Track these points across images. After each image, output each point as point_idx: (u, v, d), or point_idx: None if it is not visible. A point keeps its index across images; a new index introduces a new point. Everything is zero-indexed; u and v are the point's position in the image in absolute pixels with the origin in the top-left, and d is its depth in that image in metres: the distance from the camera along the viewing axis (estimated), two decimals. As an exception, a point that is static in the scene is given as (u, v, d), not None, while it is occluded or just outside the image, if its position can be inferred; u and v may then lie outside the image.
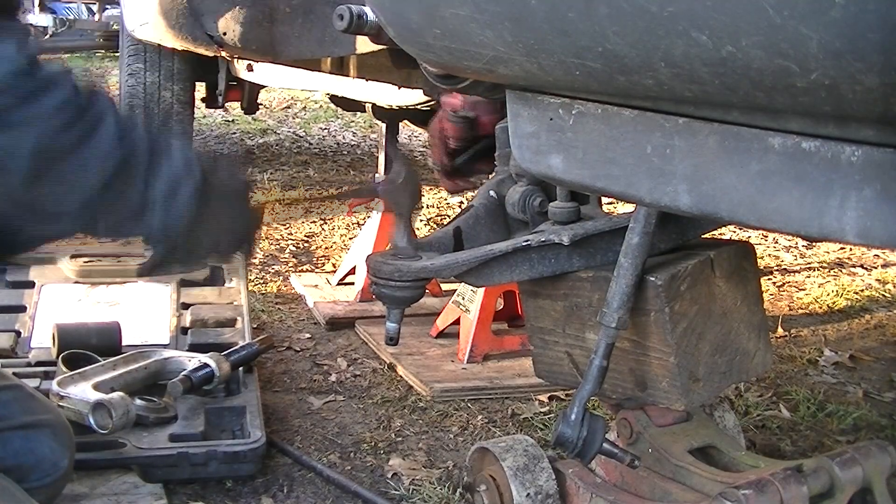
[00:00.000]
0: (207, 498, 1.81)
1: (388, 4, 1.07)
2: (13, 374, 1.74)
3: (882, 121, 0.73)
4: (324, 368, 2.49)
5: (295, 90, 7.06)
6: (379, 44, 1.42)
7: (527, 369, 2.31)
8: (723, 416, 1.74)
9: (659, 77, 0.80)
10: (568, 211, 1.47)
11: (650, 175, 0.94)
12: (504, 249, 1.40)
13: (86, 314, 2.35)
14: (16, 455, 1.44)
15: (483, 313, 2.48)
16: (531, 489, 1.55)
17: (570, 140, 1.02)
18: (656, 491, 1.49)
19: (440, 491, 1.84)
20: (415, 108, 2.87)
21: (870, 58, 0.64)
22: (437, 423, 2.18)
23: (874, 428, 2.23)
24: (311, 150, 5.81)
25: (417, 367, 2.43)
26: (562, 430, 1.35)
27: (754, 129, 0.84)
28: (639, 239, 1.31)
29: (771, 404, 2.32)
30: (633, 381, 1.43)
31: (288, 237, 3.78)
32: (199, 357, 2.05)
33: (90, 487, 1.71)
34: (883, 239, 0.78)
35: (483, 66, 0.99)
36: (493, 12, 0.89)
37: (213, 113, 6.46)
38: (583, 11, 0.80)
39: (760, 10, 0.66)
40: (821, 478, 1.37)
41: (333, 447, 2.05)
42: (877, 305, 3.17)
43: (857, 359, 2.67)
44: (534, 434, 2.09)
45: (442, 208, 4.35)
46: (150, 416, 1.91)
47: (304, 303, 2.99)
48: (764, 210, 0.85)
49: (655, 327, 1.35)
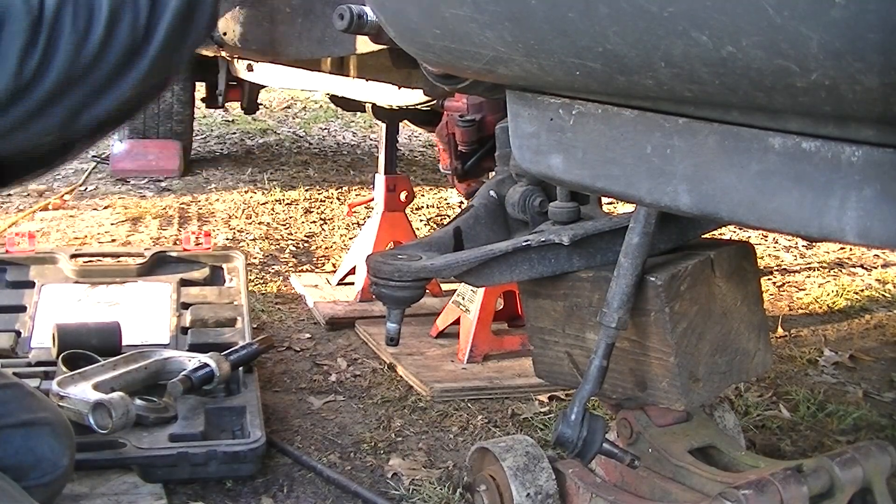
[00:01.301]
0: (207, 498, 1.81)
1: (388, 4, 1.07)
2: (13, 374, 1.74)
3: (882, 121, 0.73)
4: (324, 368, 2.49)
5: (295, 90, 7.07)
6: (379, 44, 1.42)
7: (527, 369, 2.31)
8: (723, 416, 1.74)
9: (659, 77, 0.80)
10: (568, 211, 1.47)
11: (650, 175, 0.94)
12: (504, 249, 1.40)
13: (86, 314, 2.35)
14: (15, 453, 1.44)
15: (483, 313, 2.48)
16: (531, 489, 1.55)
17: (571, 140, 1.02)
18: (656, 491, 1.49)
19: (440, 491, 1.84)
20: (415, 108, 2.87)
21: (870, 58, 0.64)
22: (437, 423, 2.18)
23: (874, 428, 2.23)
24: (311, 150, 5.81)
25: (417, 367, 2.43)
26: (562, 430, 1.35)
27: (754, 129, 0.84)
28: (639, 239, 1.31)
29: (771, 404, 2.32)
30: (633, 381, 1.43)
31: (288, 237, 3.78)
32: (199, 357, 2.05)
33: (90, 487, 1.71)
34: (883, 239, 0.78)
35: (483, 67, 0.99)
36: (493, 12, 0.89)
37: (213, 113, 6.47)
38: (583, 11, 0.80)
39: (760, 10, 0.66)
40: (821, 478, 1.37)
41: (333, 447, 2.05)
42: (877, 305, 3.18)
43: (857, 359, 2.67)
44: (534, 434, 2.10)
45: (442, 208, 4.35)
46: (150, 416, 1.91)
47: (304, 303, 3.00)
48: (764, 210, 0.85)
49: (655, 327, 1.35)
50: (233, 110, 6.38)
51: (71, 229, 3.76)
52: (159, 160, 4.70)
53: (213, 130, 6.33)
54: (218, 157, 5.45)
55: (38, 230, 3.67)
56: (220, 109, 5.85)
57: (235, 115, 6.54)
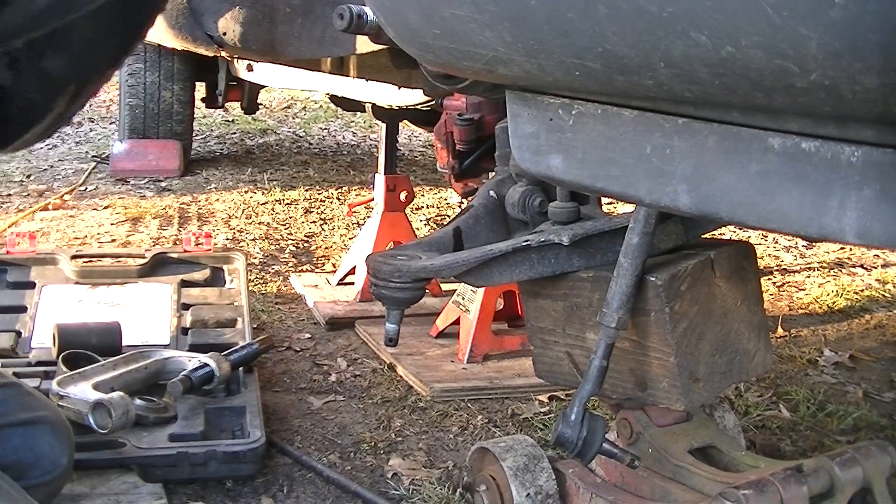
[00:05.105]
0: (207, 498, 1.81)
1: (388, 4, 1.07)
2: (13, 374, 1.74)
3: (882, 121, 0.73)
4: (324, 368, 2.49)
5: (295, 90, 7.07)
6: (379, 44, 1.42)
7: (527, 369, 2.31)
8: (723, 416, 1.74)
9: (658, 77, 0.80)
10: (568, 211, 1.47)
11: (650, 175, 0.94)
12: (504, 249, 1.40)
13: (86, 314, 2.35)
14: (15, 451, 1.44)
15: (483, 313, 2.48)
16: (531, 489, 1.55)
17: (570, 140, 1.02)
18: (656, 491, 1.49)
19: (440, 491, 1.84)
20: (415, 108, 2.87)
21: (869, 58, 0.64)
22: (437, 423, 2.18)
23: (874, 428, 2.23)
24: (311, 150, 5.81)
25: (417, 367, 2.43)
26: (562, 430, 1.35)
27: (754, 129, 0.84)
28: (639, 239, 1.31)
29: (771, 404, 2.32)
30: (633, 381, 1.43)
31: (288, 237, 3.78)
32: (199, 357, 2.05)
33: (90, 487, 1.71)
34: (883, 239, 0.78)
35: (482, 67, 0.99)
36: (493, 12, 0.89)
37: (213, 113, 6.47)
38: (582, 12, 0.80)
39: (760, 10, 0.67)
40: (821, 478, 1.37)
41: (333, 447, 2.05)
42: (877, 305, 3.17)
43: (857, 359, 2.67)
44: (534, 434, 2.10)
45: (442, 208, 4.35)
46: (150, 416, 1.91)
47: (304, 303, 2.99)
48: (764, 210, 0.85)
49: (655, 327, 1.35)
50: (233, 110, 6.38)
51: (71, 229, 3.76)
52: (159, 160, 4.70)
53: (213, 130, 6.33)
54: (218, 157, 5.45)
55: (38, 230, 3.67)
56: (220, 109, 5.85)
57: (235, 115, 6.54)
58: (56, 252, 2.60)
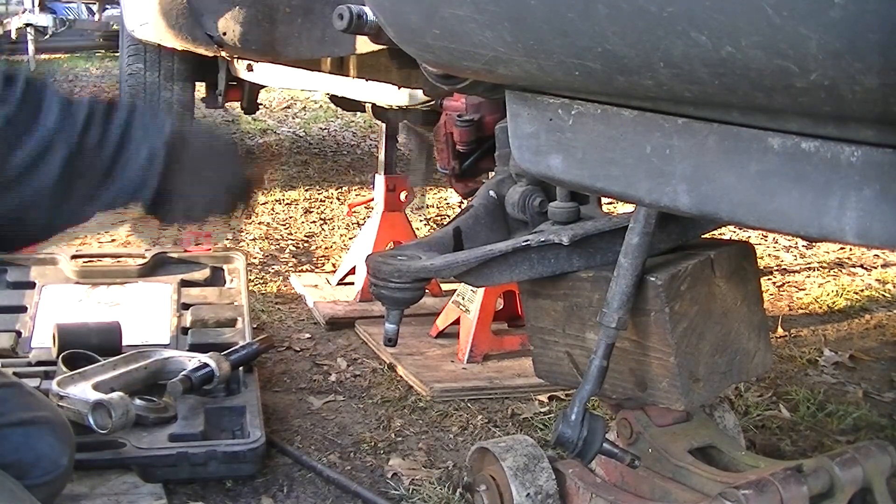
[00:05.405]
0: (207, 498, 1.81)
1: (388, 4, 1.07)
2: (13, 374, 1.74)
3: (882, 121, 0.73)
4: (324, 368, 2.49)
5: (295, 90, 7.06)
6: (379, 44, 1.43)
7: (527, 369, 2.31)
8: (723, 416, 1.74)
9: (658, 77, 0.80)
10: (568, 211, 1.47)
11: (650, 175, 0.94)
12: (504, 249, 1.40)
13: (86, 314, 2.35)
14: (15, 451, 1.44)
15: (483, 313, 2.48)
16: (531, 489, 1.55)
17: (570, 140, 1.02)
18: (656, 491, 1.49)
19: (440, 491, 1.84)
20: (415, 108, 2.87)
21: (869, 58, 0.64)
22: (437, 423, 2.18)
23: (874, 428, 2.23)
24: (311, 150, 5.81)
25: (417, 367, 2.43)
26: (562, 430, 1.35)
27: (754, 129, 0.84)
28: (639, 239, 1.31)
29: (771, 404, 2.32)
30: (633, 381, 1.43)
31: (288, 237, 3.78)
32: (199, 357, 2.05)
33: (90, 487, 1.71)
34: (883, 239, 0.78)
35: (482, 67, 0.99)
36: (493, 12, 0.89)
37: (213, 113, 6.46)
38: (582, 12, 0.80)
39: (759, 10, 0.66)
40: (821, 478, 1.37)
41: (333, 447, 2.05)
42: (877, 305, 3.17)
43: (857, 359, 2.67)
44: (534, 434, 2.09)
45: (442, 208, 4.35)
46: (150, 416, 1.91)
47: (304, 303, 2.99)
48: (764, 210, 0.85)
49: (655, 327, 1.35)
50: (233, 110, 6.37)
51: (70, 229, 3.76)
52: (159, 160, 4.69)
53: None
54: (218, 157, 5.44)
55: (39, 230, 3.66)
56: (220, 109, 5.84)
57: (235, 115, 6.53)
58: (56, 252, 2.60)
